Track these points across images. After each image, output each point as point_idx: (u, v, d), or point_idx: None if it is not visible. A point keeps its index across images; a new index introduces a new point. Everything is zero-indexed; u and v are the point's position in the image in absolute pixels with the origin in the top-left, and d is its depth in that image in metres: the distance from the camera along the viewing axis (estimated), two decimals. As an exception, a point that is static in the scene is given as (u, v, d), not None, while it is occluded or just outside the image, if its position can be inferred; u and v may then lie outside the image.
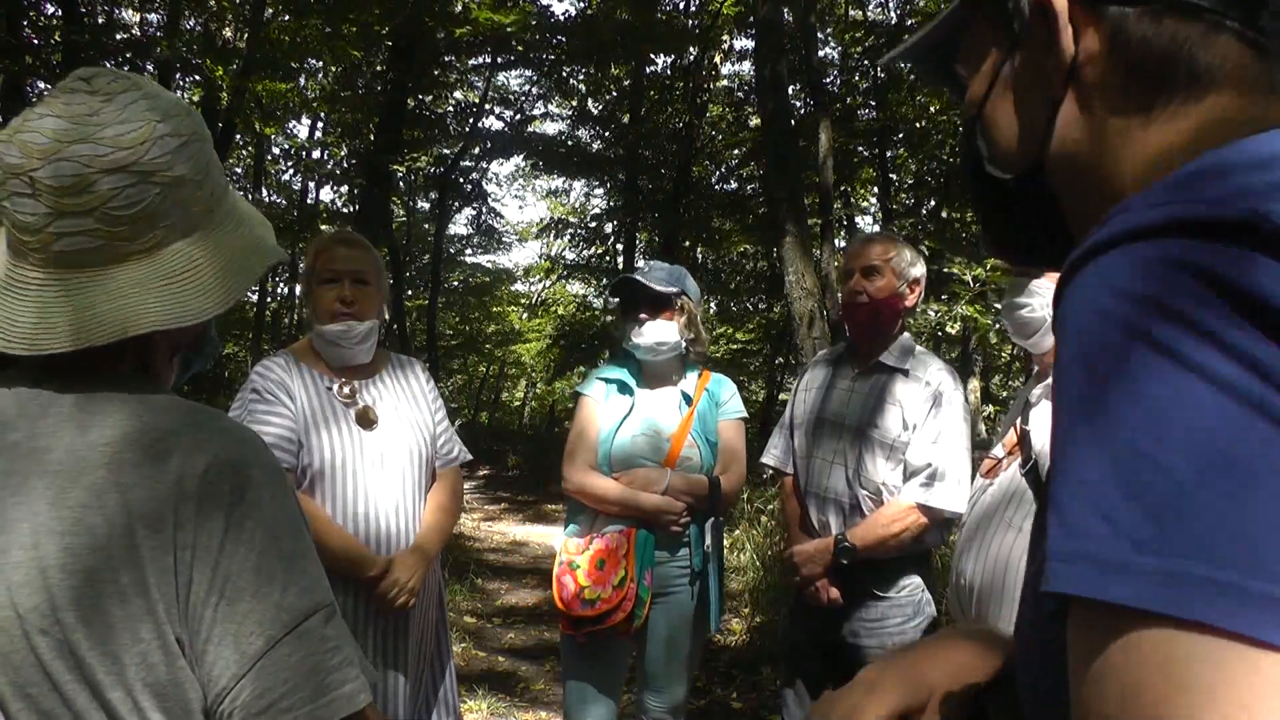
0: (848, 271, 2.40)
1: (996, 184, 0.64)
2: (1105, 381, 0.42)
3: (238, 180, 15.32)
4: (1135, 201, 0.46)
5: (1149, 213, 0.44)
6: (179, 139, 0.84)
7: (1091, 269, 0.45)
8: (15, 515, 0.79)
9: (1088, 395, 0.43)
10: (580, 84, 14.77)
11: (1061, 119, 0.59)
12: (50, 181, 0.79)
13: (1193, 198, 0.44)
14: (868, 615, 2.29)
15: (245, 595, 0.77)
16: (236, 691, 0.76)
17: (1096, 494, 0.41)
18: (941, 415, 2.24)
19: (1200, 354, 0.40)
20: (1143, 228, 0.44)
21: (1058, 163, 0.60)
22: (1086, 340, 0.44)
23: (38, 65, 8.69)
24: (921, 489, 2.21)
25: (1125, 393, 0.41)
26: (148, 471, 0.79)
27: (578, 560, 2.37)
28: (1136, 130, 0.55)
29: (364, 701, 0.80)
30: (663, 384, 2.53)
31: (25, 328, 0.81)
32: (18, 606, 0.77)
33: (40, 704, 0.77)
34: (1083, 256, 0.46)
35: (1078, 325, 0.44)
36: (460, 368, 22.39)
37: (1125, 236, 0.44)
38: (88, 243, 0.81)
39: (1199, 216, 0.42)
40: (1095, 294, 0.44)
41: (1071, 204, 0.61)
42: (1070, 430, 0.44)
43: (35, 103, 0.83)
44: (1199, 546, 0.38)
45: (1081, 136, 0.58)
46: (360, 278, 2.08)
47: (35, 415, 0.82)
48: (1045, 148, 0.60)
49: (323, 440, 1.98)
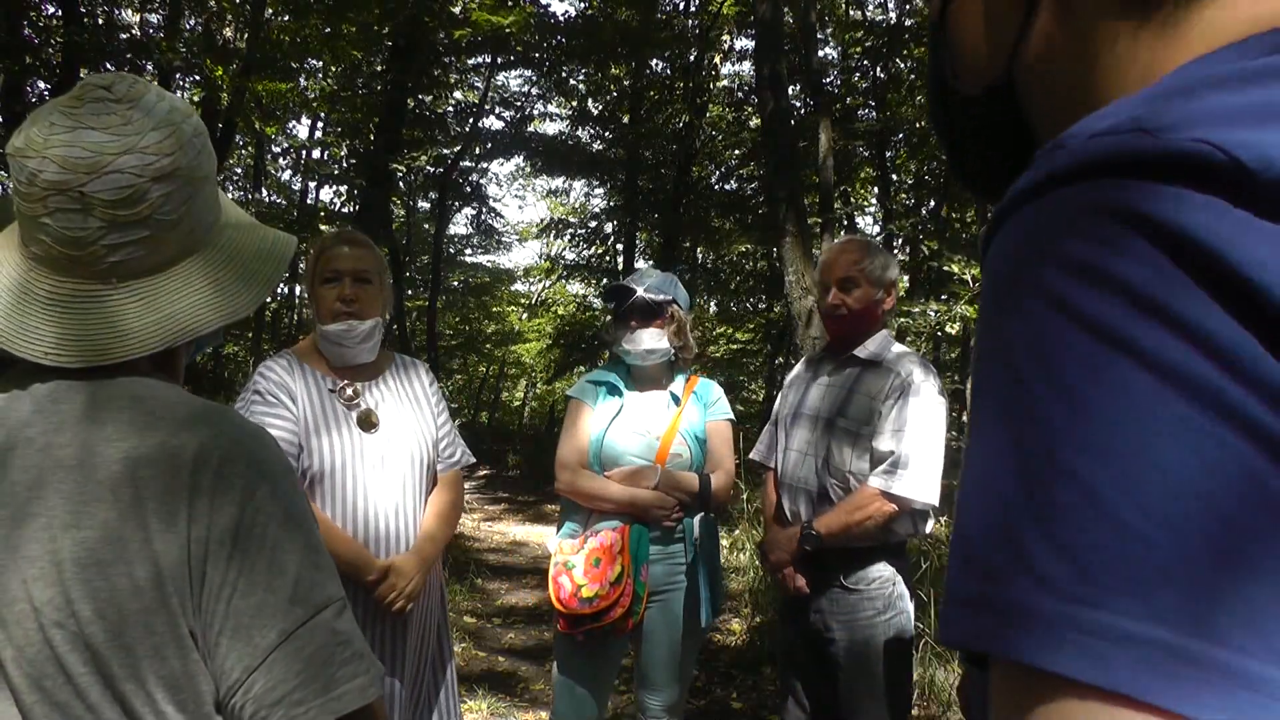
0: (824, 285, 2.43)
1: (963, 102, 0.54)
2: (1020, 368, 0.34)
3: (237, 180, 15.34)
4: (1068, 133, 0.37)
5: (1077, 149, 0.36)
6: (200, 139, 0.87)
7: (1014, 221, 0.37)
8: (31, 510, 0.80)
9: (1001, 383, 0.35)
10: (580, 84, 14.78)
11: (1038, 23, 0.48)
12: (104, 195, 0.79)
13: (1131, 124, 0.35)
14: (838, 607, 2.31)
15: (258, 589, 0.78)
16: (249, 684, 0.77)
17: (1007, 513, 0.33)
18: (910, 405, 2.25)
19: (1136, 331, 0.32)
20: (1066, 168, 0.35)
21: (1032, 77, 0.49)
22: (1004, 315, 0.36)
23: (38, 65, 8.69)
24: (884, 476, 2.22)
25: (1044, 384, 0.33)
26: (162, 467, 0.80)
27: (573, 560, 2.39)
28: (1126, 39, 0.44)
29: (374, 695, 0.81)
30: (652, 387, 2.58)
31: (96, 339, 0.82)
32: (33, 600, 0.78)
33: (55, 696, 0.78)
34: (1007, 204, 0.38)
35: (998, 297, 0.37)
36: (460, 368, 22.39)
37: (1048, 181, 0.36)
38: (141, 250, 0.82)
39: (1136, 150, 0.33)
40: (1014, 254, 0.36)
41: (1051, 129, 0.49)
42: (981, 425, 0.36)
43: (50, 114, 0.83)
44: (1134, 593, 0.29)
45: (1060, 45, 0.47)
46: (362, 276, 2.09)
47: (50, 412, 0.83)
48: (1017, 58, 0.50)
49: (323, 443, 1.98)
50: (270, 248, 0.92)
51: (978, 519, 0.34)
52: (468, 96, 15.83)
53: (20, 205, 0.82)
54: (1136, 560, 0.30)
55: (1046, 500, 0.32)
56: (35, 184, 0.80)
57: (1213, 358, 0.31)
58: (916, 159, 13.14)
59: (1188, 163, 0.32)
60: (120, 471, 0.79)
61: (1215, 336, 0.31)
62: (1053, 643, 0.30)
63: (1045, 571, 0.31)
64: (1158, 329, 0.31)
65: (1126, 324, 0.32)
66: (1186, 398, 0.31)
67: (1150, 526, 0.30)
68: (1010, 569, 0.32)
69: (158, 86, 0.89)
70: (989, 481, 0.34)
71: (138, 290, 0.83)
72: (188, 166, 0.84)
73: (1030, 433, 0.33)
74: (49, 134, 0.81)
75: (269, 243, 0.93)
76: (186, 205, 0.84)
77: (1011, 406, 0.34)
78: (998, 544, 0.33)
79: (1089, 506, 0.31)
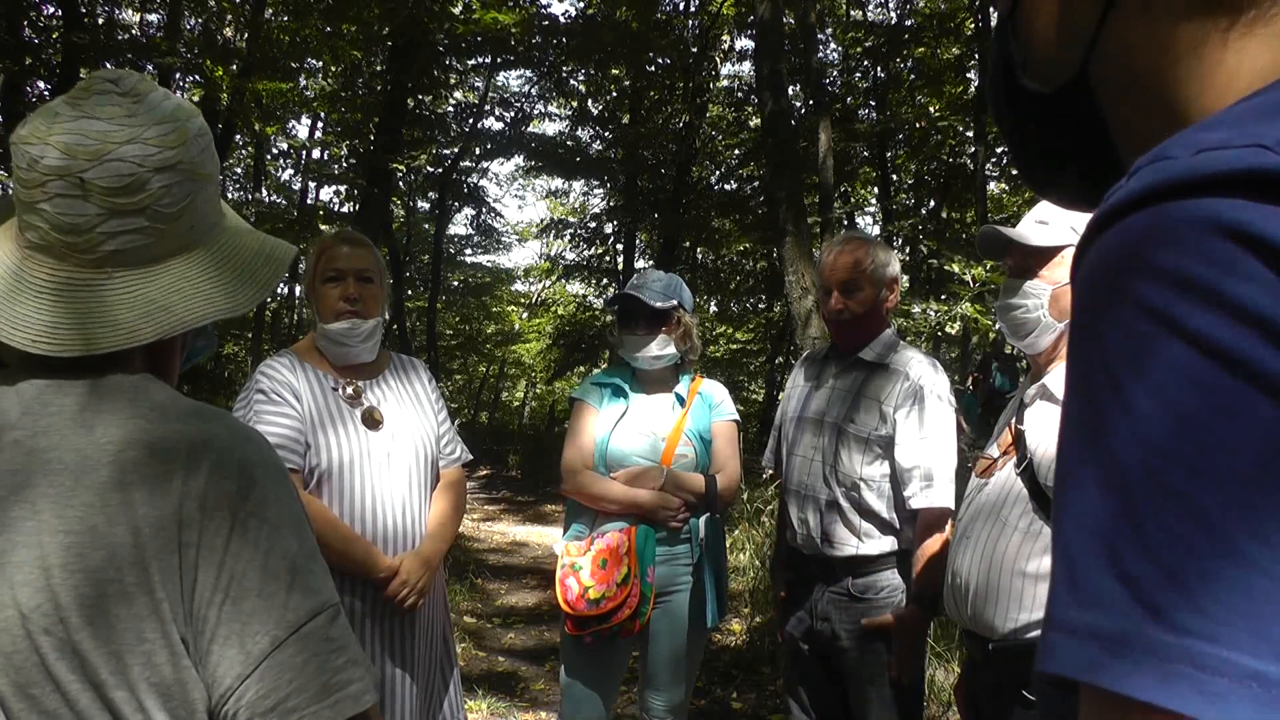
0: (825, 288, 2.38)
1: (1032, 100, 0.52)
2: (1118, 386, 0.33)
3: (237, 180, 15.33)
4: (1170, 145, 0.36)
5: (1186, 161, 0.34)
6: (205, 138, 0.88)
7: (1113, 234, 0.36)
8: (19, 514, 0.79)
9: (1097, 401, 0.34)
10: (580, 84, 14.78)
11: (1116, 20, 0.46)
12: (103, 182, 0.80)
13: (1242, 139, 0.33)
14: (847, 616, 2.29)
15: (250, 595, 0.78)
16: (241, 691, 0.76)
17: (1105, 537, 0.32)
18: (927, 411, 2.24)
19: (1255, 353, 0.30)
20: (1172, 183, 0.34)
21: (1108, 76, 0.47)
22: (1100, 331, 0.35)
23: (38, 65, 8.70)
24: (923, 492, 2.20)
25: (1150, 401, 0.32)
26: (153, 471, 0.79)
27: (580, 562, 2.39)
28: (1211, 40, 0.42)
29: (369, 702, 0.80)
30: (657, 388, 2.58)
31: (85, 329, 0.81)
32: (21, 606, 0.77)
33: (43, 704, 0.77)
34: (1106, 216, 0.37)
35: (1091, 309, 0.36)
36: (460, 368, 22.39)
37: (1151, 194, 0.34)
38: (138, 241, 0.83)
39: (1254, 168, 0.32)
40: (1113, 268, 0.35)
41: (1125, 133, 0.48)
42: (1074, 448, 0.35)
43: (56, 106, 0.84)
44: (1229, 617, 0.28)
45: (1140, 44, 0.45)
46: (364, 276, 2.09)
47: (39, 414, 0.82)
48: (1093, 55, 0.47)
49: (329, 441, 1.98)
50: (270, 252, 0.93)
51: (1082, 542, 0.33)
52: (467, 97, 15.82)
53: (19, 193, 0.82)
54: (1255, 591, 0.28)
55: (1157, 526, 0.30)
56: (35, 169, 0.80)
57: None
58: (916, 159, 13.15)
59: None
60: (109, 475, 0.78)
61: None
62: (1168, 679, 0.29)
63: (1156, 601, 0.29)
64: (1266, 349, 0.30)
65: (1243, 345, 0.31)
66: None
67: (1271, 557, 0.28)
68: (1119, 598, 0.30)
69: (163, 87, 0.90)
70: (1094, 502, 0.33)
71: (131, 281, 0.83)
72: (190, 162, 0.85)
73: (1135, 453, 0.32)
74: (53, 122, 0.82)
75: (269, 247, 0.94)
76: (187, 201, 0.85)
77: (1116, 424, 0.33)
78: (1105, 570, 0.31)
79: (1202, 534, 0.29)
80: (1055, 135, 0.53)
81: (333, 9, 8.87)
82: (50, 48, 8.91)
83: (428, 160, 14.28)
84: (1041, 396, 1.82)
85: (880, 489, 2.27)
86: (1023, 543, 1.74)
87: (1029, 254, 1.82)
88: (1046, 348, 1.83)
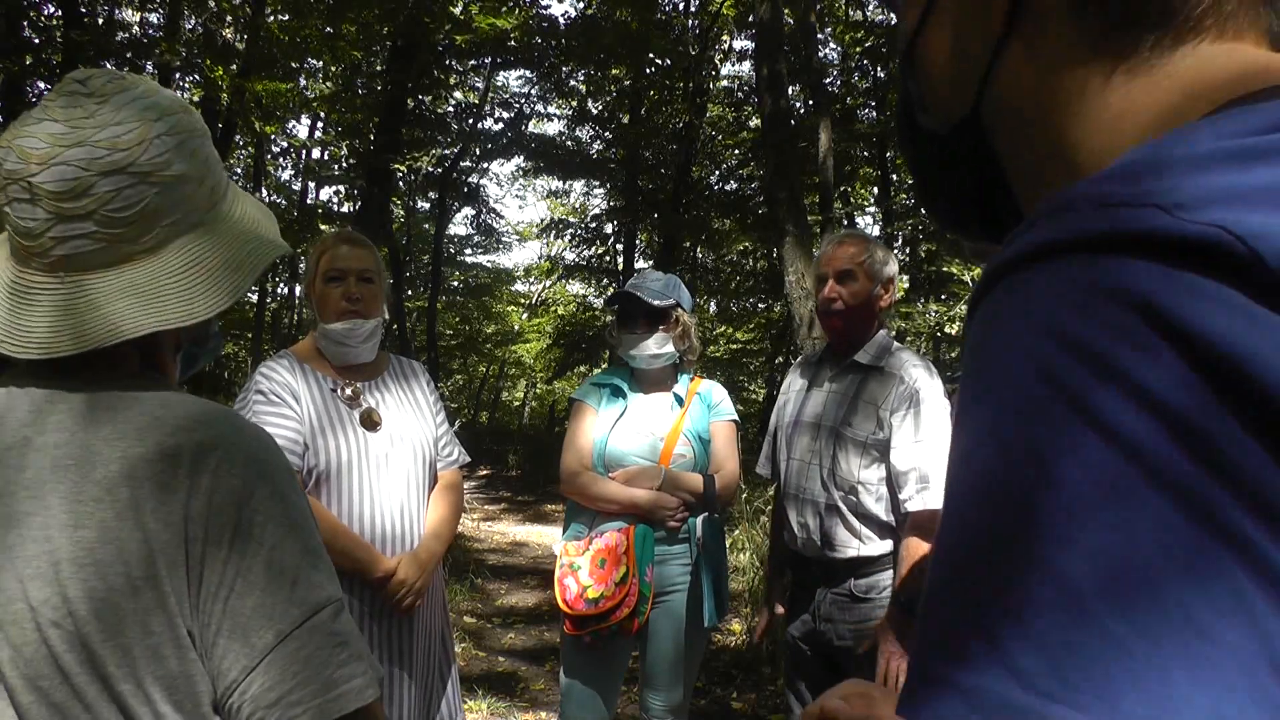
0: (821, 277, 2.37)
1: (930, 135, 0.52)
2: (1009, 444, 0.32)
3: (237, 180, 15.32)
4: (1071, 194, 0.35)
5: (1084, 216, 0.33)
6: (176, 137, 0.85)
7: (1008, 287, 0.35)
8: (28, 510, 0.79)
9: (985, 456, 0.33)
10: (580, 84, 14.78)
11: (1006, 60, 0.46)
12: (49, 186, 0.79)
13: (1145, 198, 0.32)
14: (850, 616, 2.29)
15: (256, 589, 0.78)
16: (246, 685, 0.77)
17: (980, 592, 0.31)
18: (923, 415, 2.24)
19: (1149, 441, 0.29)
20: (1073, 238, 0.33)
21: (999, 115, 0.47)
22: (994, 393, 0.33)
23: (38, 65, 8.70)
24: (920, 495, 2.20)
25: (1030, 468, 0.31)
26: (159, 467, 0.79)
27: (578, 561, 2.39)
28: (1096, 83, 0.42)
29: (372, 696, 0.80)
30: (656, 388, 2.59)
31: (38, 333, 0.81)
32: (30, 600, 0.78)
33: (51, 697, 0.78)
34: (1003, 266, 0.35)
35: (988, 368, 0.34)
36: (460, 368, 22.40)
37: (1051, 248, 0.33)
38: (89, 245, 0.81)
39: (1151, 229, 0.31)
40: (1008, 327, 0.34)
41: (1017, 171, 0.48)
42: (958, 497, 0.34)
43: (34, 108, 0.83)
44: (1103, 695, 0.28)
45: (1028, 86, 0.45)
46: (366, 276, 2.10)
47: (47, 413, 0.83)
48: (985, 95, 0.47)
49: (328, 442, 1.99)
50: (245, 258, 0.89)
51: (949, 591, 0.33)
52: (467, 97, 15.83)
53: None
54: (1110, 661, 0.28)
55: (1023, 589, 0.30)
56: (0, 173, 0.81)
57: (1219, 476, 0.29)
58: (916, 159, 13.12)
59: (1204, 250, 0.30)
60: (118, 471, 0.79)
61: (1227, 456, 0.29)
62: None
63: (1020, 664, 0.29)
64: (1168, 441, 0.29)
65: (1143, 436, 0.29)
66: (1196, 520, 0.29)
67: (1127, 629, 0.28)
68: (984, 656, 0.30)
69: (155, 85, 0.88)
70: (967, 561, 0.32)
71: (84, 285, 0.82)
72: (148, 164, 0.82)
73: (1010, 518, 0.31)
74: (22, 125, 0.82)
75: (245, 253, 0.89)
76: (144, 204, 0.82)
77: (992, 486, 0.32)
78: (971, 625, 0.31)
79: (1064, 602, 0.29)
80: (953, 171, 0.52)
81: (333, 9, 8.88)
82: (50, 47, 8.91)
83: (428, 160, 14.29)
84: None
85: (878, 492, 2.27)
86: None
87: None
88: None
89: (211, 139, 0.92)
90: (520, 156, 16.12)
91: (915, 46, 0.52)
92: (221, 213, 0.90)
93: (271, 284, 15.19)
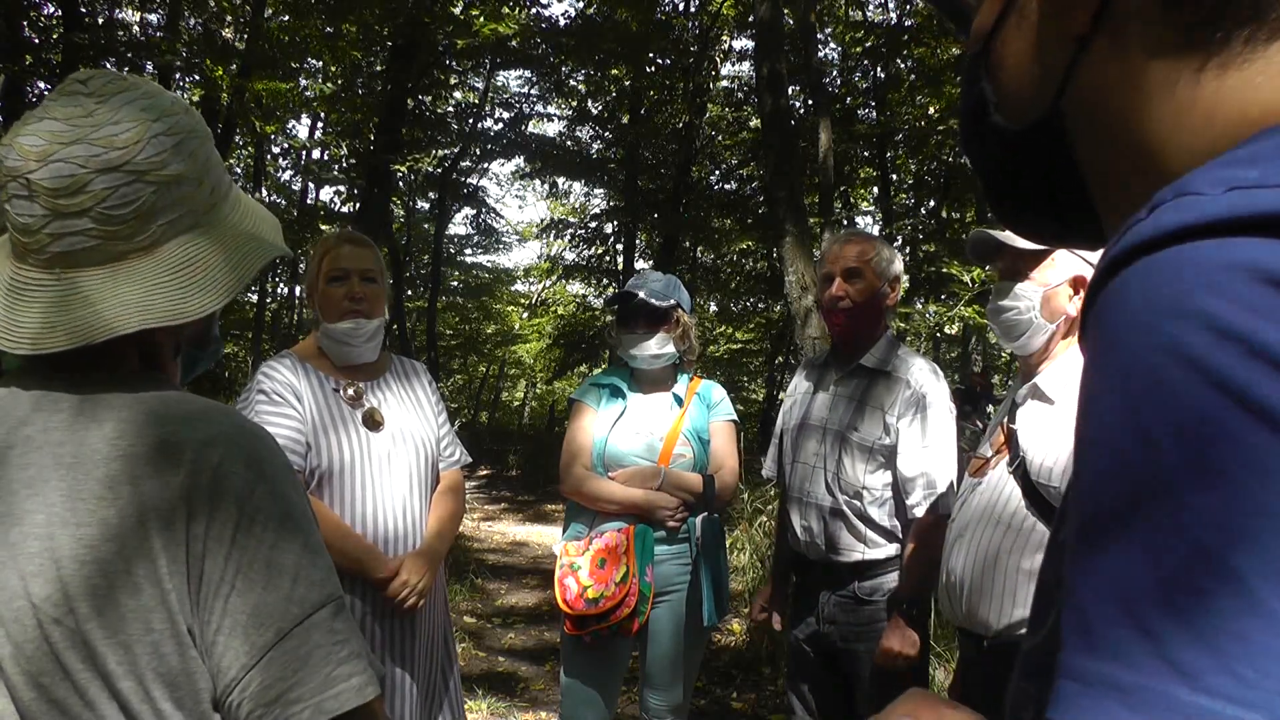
0: (827, 275, 2.35)
1: (1002, 137, 0.52)
2: (1159, 445, 0.31)
3: (237, 180, 15.31)
4: (1194, 180, 0.35)
5: (1213, 199, 0.33)
6: (174, 137, 0.85)
7: (1136, 273, 0.34)
8: (30, 507, 0.80)
9: (1135, 462, 0.32)
10: (580, 84, 14.79)
11: (1090, 59, 0.45)
12: (46, 183, 0.80)
13: (1275, 179, 0.32)
14: (854, 619, 2.29)
15: (256, 587, 0.78)
16: (246, 682, 0.77)
17: (1136, 590, 0.30)
18: (930, 419, 2.23)
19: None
20: (1205, 222, 0.33)
21: (1081, 115, 0.47)
22: (1132, 381, 0.33)
23: (38, 65, 8.70)
24: (926, 499, 2.21)
25: (1178, 451, 0.31)
26: (161, 464, 0.80)
27: (578, 561, 2.40)
28: (1186, 79, 0.41)
29: (372, 694, 0.80)
30: (655, 388, 2.59)
31: (30, 328, 0.82)
32: (31, 596, 0.78)
33: (52, 693, 0.78)
34: (1125, 254, 0.35)
35: (1119, 356, 0.34)
36: (460, 368, 22.39)
37: (1181, 232, 0.33)
38: (85, 242, 0.82)
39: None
40: (1141, 311, 0.33)
41: (1096, 170, 0.48)
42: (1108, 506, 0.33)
43: (37, 106, 0.84)
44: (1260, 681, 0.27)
45: (1113, 83, 0.44)
46: (368, 275, 2.10)
47: (49, 411, 0.83)
48: (1066, 94, 0.47)
49: (331, 442, 1.99)
50: (241, 259, 0.89)
51: (1098, 592, 0.32)
52: (467, 97, 15.83)
53: None
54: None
55: (1186, 584, 0.29)
56: (1, 171, 0.81)
57: None
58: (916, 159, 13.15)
59: None
60: (119, 469, 0.79)
61: None
62: None
63: (1185, 663, 0.28)
64: None
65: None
66: None
67: None
68: (1139, 649, 0.29)
69: (155, 85, 0.88)
70: (1114, 552, 0.32)
71: (79, 282, 0.82)
72: (145, 163, 0.82)
73: (1162, 508, 0.31)
74: (23, 124, 0.83)
75: (240, 254, 0.90)
76: (140, 202, 0.82)
77: (1135, 473, 0.32)
78: (1125, 625, 0.30)
79: (1237, 597, 0.28)
80: (1025, 171, 0.53)
81: (333, 9, 8.89)
82: (50, 48, 8.91)
83: (428, 161, 14.30)
84: (1033, 396, 1.83)
85: (882, 497, 2.27)
86: (1016, 540, 1.75)
87: (1019, 256, 1.83)
88: (1038, 348, 1.84)
89: (212, 139, 0.92)
90: (520, 157, 16.12)
91: (991, 47, 0.51)
92: (221, 214, 0.91)
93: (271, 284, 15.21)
